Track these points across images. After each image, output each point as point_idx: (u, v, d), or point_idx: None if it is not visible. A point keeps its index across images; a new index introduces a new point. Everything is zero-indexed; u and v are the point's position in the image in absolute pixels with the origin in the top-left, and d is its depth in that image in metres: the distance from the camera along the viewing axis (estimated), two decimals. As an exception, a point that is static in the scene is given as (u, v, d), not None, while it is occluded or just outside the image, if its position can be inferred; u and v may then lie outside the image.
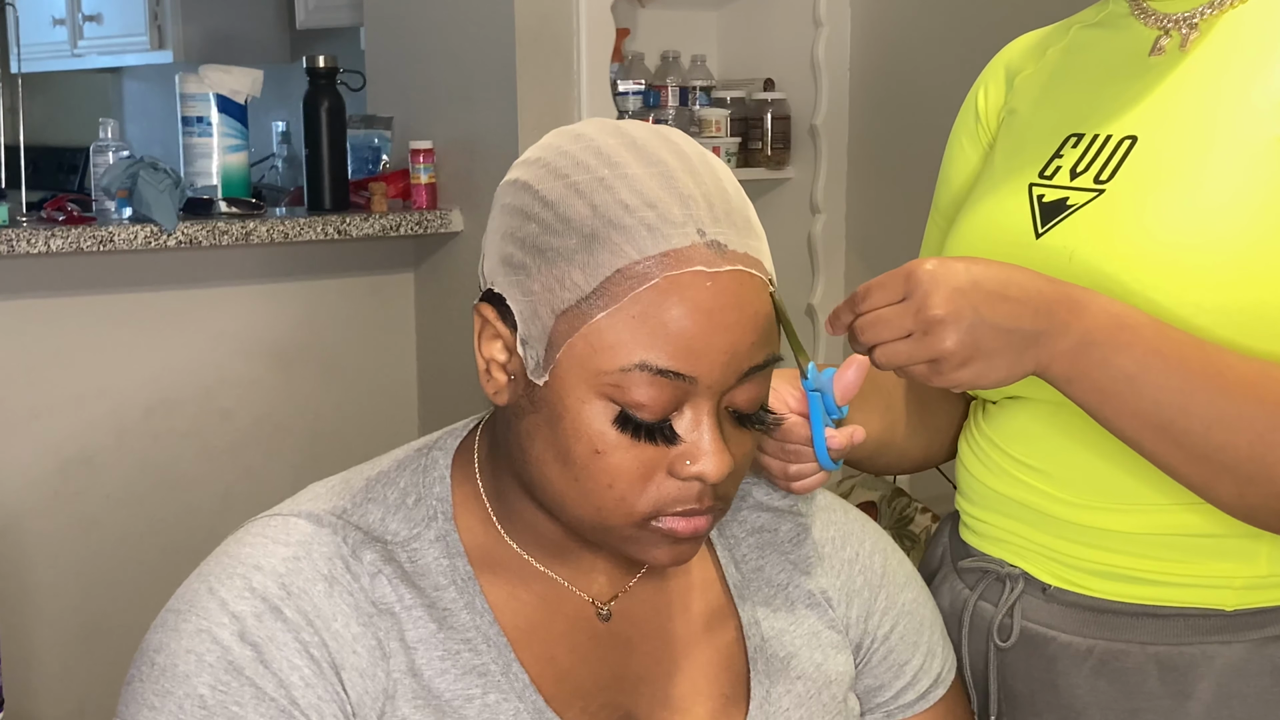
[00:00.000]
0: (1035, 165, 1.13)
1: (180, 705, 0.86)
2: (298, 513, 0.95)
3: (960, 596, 1.17)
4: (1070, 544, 1.09)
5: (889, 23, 3.06)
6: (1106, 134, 1.10)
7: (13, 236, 2.45)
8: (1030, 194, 1.11)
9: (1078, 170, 1.10)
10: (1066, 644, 1.09)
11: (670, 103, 3.18)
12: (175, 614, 0.90)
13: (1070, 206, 1.08)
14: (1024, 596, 1.12)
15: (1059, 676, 1.09)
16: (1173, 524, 1.04)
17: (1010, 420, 1.13)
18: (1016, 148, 1.18)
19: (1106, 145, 1.09)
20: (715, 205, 0.88)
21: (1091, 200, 1.07)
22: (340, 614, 0.90)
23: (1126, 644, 1.06)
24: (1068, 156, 1.11)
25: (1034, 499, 1.11)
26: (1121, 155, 1.08)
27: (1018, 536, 1.13)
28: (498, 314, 0.90)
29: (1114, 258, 1.03)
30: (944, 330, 0.91)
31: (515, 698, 0.92)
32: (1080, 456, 1.08)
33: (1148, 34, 1.12)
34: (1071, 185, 1.09)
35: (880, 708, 1.09)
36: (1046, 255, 1.06)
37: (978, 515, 1.17)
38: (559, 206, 0.87)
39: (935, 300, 0.91)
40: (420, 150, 2.94)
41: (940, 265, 0.93)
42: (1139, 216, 1.03)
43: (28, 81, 2.91)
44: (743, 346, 0.87)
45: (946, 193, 1.27)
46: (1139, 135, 1.08)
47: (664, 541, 0.90)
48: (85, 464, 2.73)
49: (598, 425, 0.86)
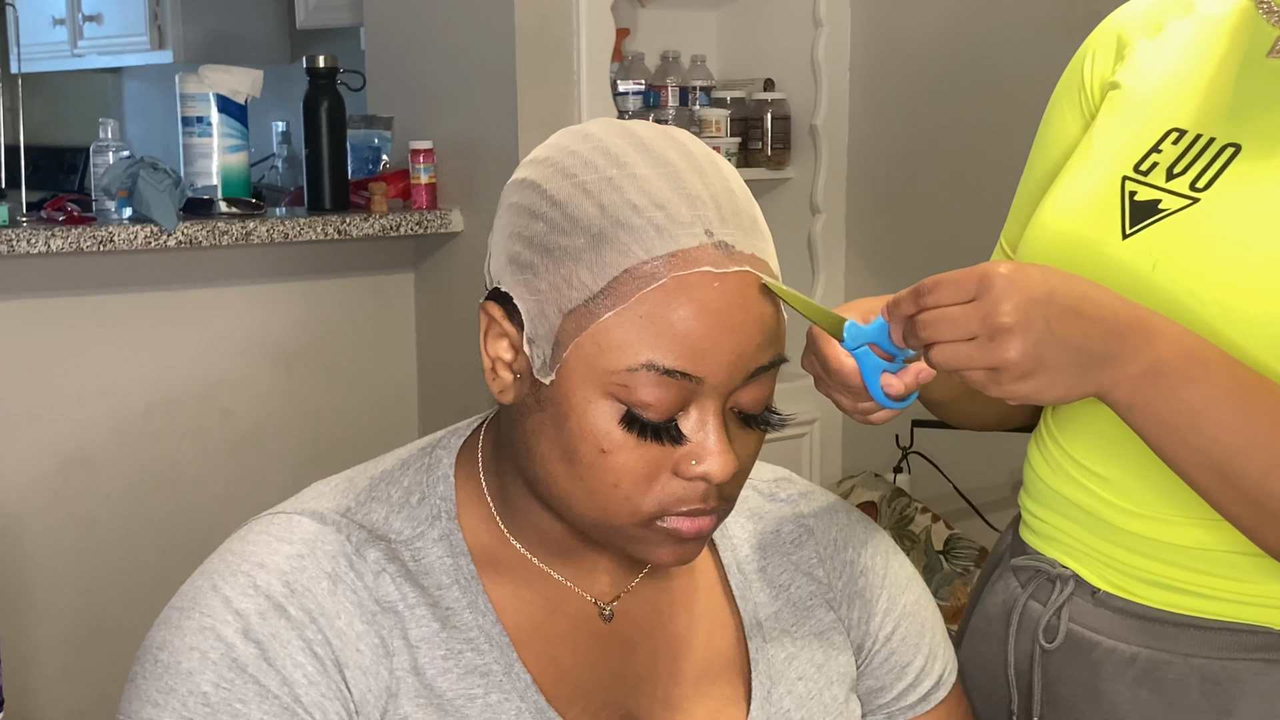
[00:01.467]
0: (1133, 156, 1.09)
1: (183, 702, 0.86)
2: (301, 511, 0.95)
3: (1012, 594, 1.15)
4: (1124, 551, 1.08)
5: (889, 23, 3.06)
6: (1210, 136, 1.05)
7: (13, 236, 2.45)
8: (1123, 188, 1.07)
9: (1174, 171, 1.06)
10: (1111, 650, 1.07)
11: (670, 103, 3.18)
12: (179, 611, 0.90)
13: (1162, 211, 1.04)
14: (1073, 599, 1.10)
15: (1102, 682, 1.08)
16: (1228, 541, 1.02)
17: (1078, 422, 1.11)
18: (1116, 131, 1.13)
19: (1209, 149, 1.05)
20: (723, 206, 0.88)
21: (1185, 208, 1.03)
22: (344, 612, 0.90)
23: (1170, 654, 1.05)
24: (1166, 153, 1.07)
25: (1093, 504, 1.09)
26: (1223, 163, 1.04)
27: (1073, 538, 1.12)
28: (504, 313, 0.90)
29: (1198, 273, 1.00)
30: (1011, 339, 0.87)
31: (517, 697, 0.92)
32: (1142, 466, 1.04)
33: (1270, 32, 1.07)
34: (1166, 187, 1.05)
35: (882, 709, 1.09)
36: (1131, 258, 1.03)
37: (1038, 514, 1.16)
38: (567, 206, 0.87)
39: (1006, 307, 0.87)
40: (420, 150, 2.94)
41: (1017, 271, 0.88)
42: (1231, 233, 1.00)
43: (28, 81, 2.90)
44: (749, 347, 0.87)
45: (1043, 161, 1.22)
46: (1243, 144, 1.03)
47: (668, 541, 0.90)
48: (85, 464, 2.73)
49: (604, 424, 0.86)
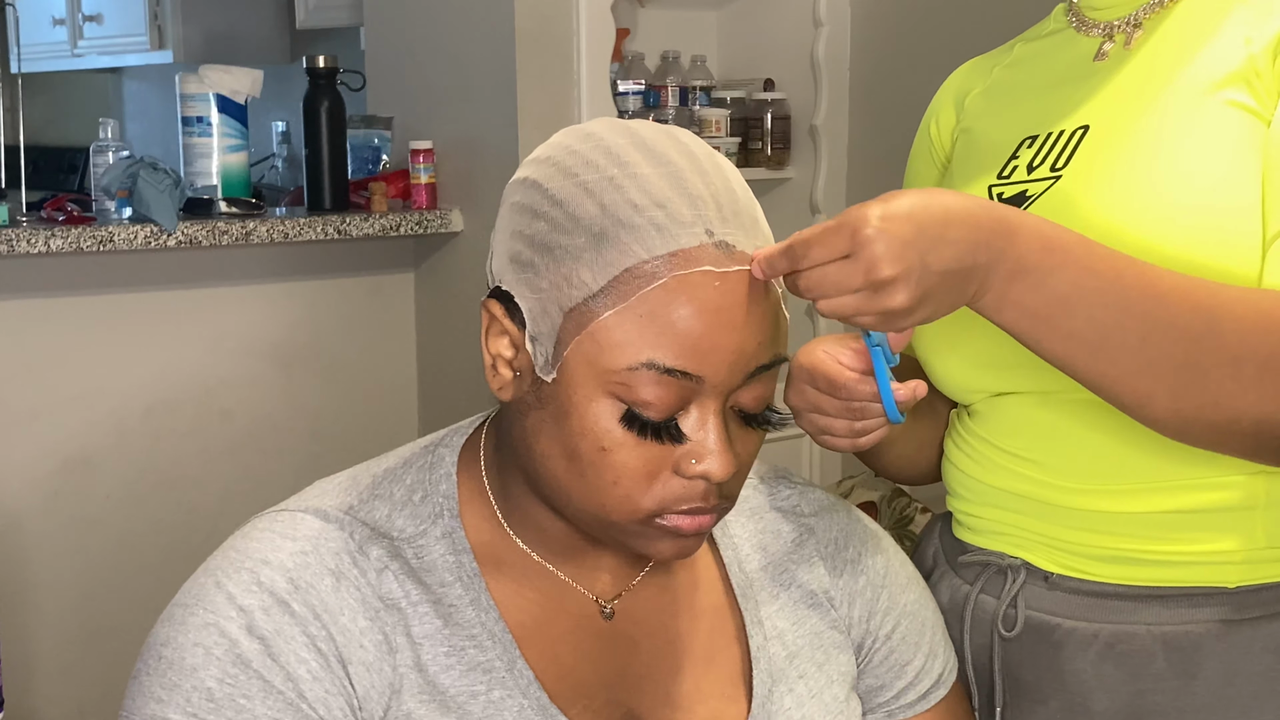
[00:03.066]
0: (993, 170, 1.14)
1: (188, 698, 0.87)
2: (305, 508, 0.95)
3: (960, 592, 1.17)
4: (1069, 530, 1.10)
5: (889, 23, 3.07)
6: (1060, 130, 1.11)
7: (13, 236, 2.45)
8: (990, 194, 1.12)
9: (1033, 165, 1.11)
10: (1072, 630, 1.09)
11: (670, 103, 3.18)
12: (182, 608, 0.90)
13: (1029, 197, 1.09)
14: (1026, 586, 1.12)
15: (1065, 662, 1.10)
16: (1167, 502, 1.05)
17: (999, 416, 1.14)
18: (973, 160, 1.19)
19: (1060, 139, 1.10)
20: (724, 206, 0.88)
21: (1050, 187, 1.08)
22: (348, 608, 0.90)
23: (1133, 626, 1.07)
24: (1024, 156, 1.13)
25: (1030, 489, 1.11)
26: (1075, 143, 1.09)
27: (1016, 528, 1.13)
28: (505, 310, 0.90)
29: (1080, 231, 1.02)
30: (894, 288, 0.87)
31: (519, 694, 0.92)
32: (1072, 442, 1.08)
33: (1090, 43, 1.15)
34: (1029, 179, 1.10)
35: (881, 708, 1.09)
36: None
37: (973, 511, 1.18)
38: (568, 205, 0.87)
39: (884, 260, 0.86)
40: (420, 150, 2.94)
41: (883, 219, 0.87)
42: (1097, 195, 1.04)
43: (28, 81, 2.90)
44: (749, 346, 0.87)
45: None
46: (1091, 124, 1.09)
47: (668, 536, 0.91)
48: (85, 464, 2.73)
49: (604, 423, 0.87)
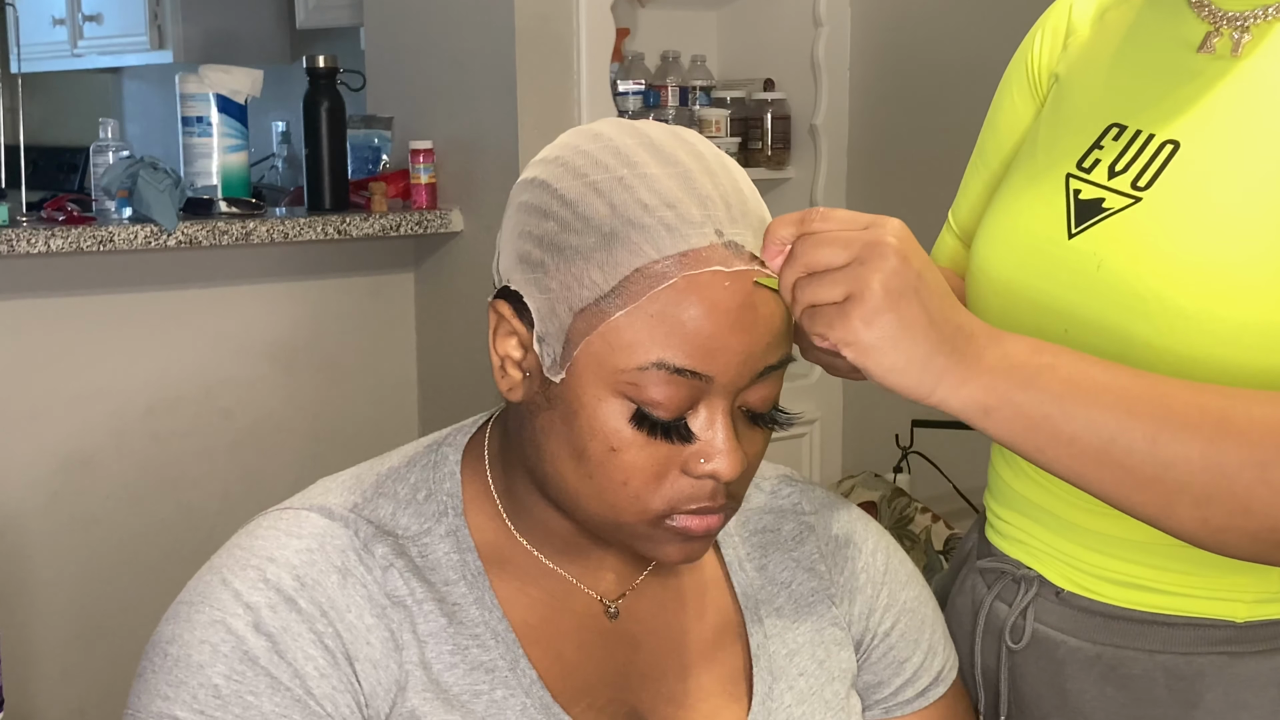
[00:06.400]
0: (1075, 152, 1.10)
1: (194, 695, 0.87)
2: (309, 506, 0.95)
3: (978, 595, 1.16)
4: (1085, 550, 1.08)
5: (889, 23, 3.07)
6: (1149, 133, 1.06)
7: (13, 236, 2.45)
8: (1067, 186, 1.08)
9: (1116, 169, 1.06)
10: (1075, 649, 1.08)
11: (670, 103, 3.18)
12: (188, 605, 0.90)
13: (1105, 210, 1.05)
14: (1038, 599, 1.11)
15: (1067, 680, 1.09)
16: None
17: None
18: (1059, 127, 1.14)
19: (1148, 146, 1.06)
20: (733, 206, 0.88)
21: (1128, 207, 1.03)
22: (354, 605, 0.90)
23: (1135, 651, 1.06)
24: (1108, 149, 1.08)
25: (1052, 503, 1.10)
26: (1162, 161, 1.04)
27: (1035, 539, 1.12)
28: (513, 311, 0.90)
29: (1144, 273, 1.00)
30: (884, 254, 0.83)
31: (522, 693, 0.93)
32: None
33: (1198, 28, 1.07)
34: (1109, 185, 1.06)
35: (880, 704, 1.09)
36: (1076, 259, 1.04)
37: (1002, 515, 1.17)
38: (578, 205, 0.87)
39: (887, 230, 0.84)
40: (420, 150, 2.94)
41: (904, 242, 0.85)
42: (1174, 231, 1.00)
43: (28, 81, 2.91)
44: (759, 346, 0.87)
45: (993, 140, 1.24)
46: (1181, 141, 1.04)
47: (676, 539, 0.91)
48: (85, 464, 2.73)
49: (614, 423, 0.87)
